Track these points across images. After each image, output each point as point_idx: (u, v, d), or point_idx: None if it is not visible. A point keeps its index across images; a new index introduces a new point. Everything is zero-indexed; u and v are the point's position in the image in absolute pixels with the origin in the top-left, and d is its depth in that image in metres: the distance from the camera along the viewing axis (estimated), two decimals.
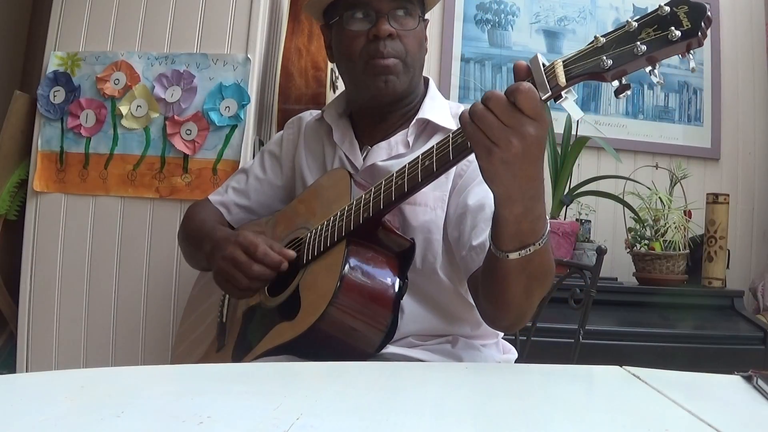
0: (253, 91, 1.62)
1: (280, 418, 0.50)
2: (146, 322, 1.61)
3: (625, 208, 2.21)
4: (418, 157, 0.90)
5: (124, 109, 1.63)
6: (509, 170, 0.74)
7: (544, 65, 0.75)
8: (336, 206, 1.01)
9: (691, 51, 0.70)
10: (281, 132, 1.32)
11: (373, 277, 0.93)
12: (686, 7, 0.69)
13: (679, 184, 2.30)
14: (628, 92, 0.74)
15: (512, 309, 0.90)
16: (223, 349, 1.10)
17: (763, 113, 2.69)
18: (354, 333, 0.91)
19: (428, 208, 1.07)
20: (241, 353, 1.03)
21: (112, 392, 0.60)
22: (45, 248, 1.63)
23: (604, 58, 0.71)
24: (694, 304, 2.12)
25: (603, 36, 0.73)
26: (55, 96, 1.65)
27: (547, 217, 0.83)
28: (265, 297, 1.05)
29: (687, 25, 0.68)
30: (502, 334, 1.19)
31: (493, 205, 0.98)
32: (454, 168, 1.02)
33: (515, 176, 0.75)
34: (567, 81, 0.74)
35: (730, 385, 0.71)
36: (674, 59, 2.86)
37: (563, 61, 0.75)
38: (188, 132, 1.61)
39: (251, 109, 1.61)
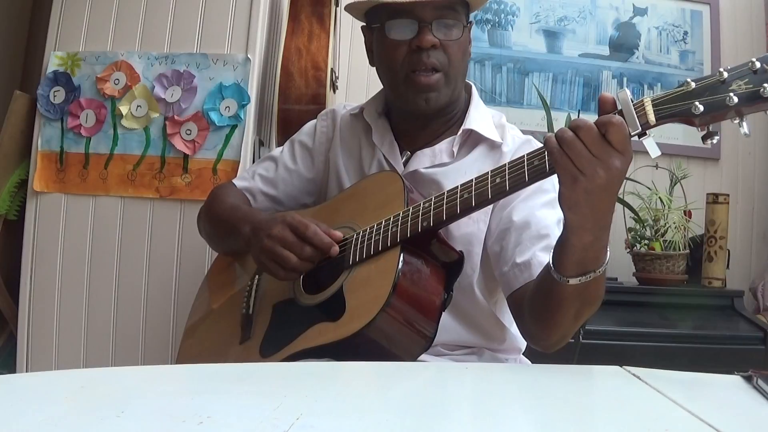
0: (253, 91, 1.62)
1: (280, 418, 0.50)
2: (146, 322, 1.61)
3: (625, 208, 2.21)
4: (487, 173, 0.89)
5: (124, 109, 1.63)
6: (589, 200, 0.76)
7: (632, 101, 0.77)
8: (388, 210, 0.99)
9: None
10: (313, 122, 1.29)
11: (425, 287, 0.92)
12: None
13: (679, 184, 2.30)
14: (714, 140, 0.76)
15: (559, 330, 0.91)
16: (248, 341, 1.07)
17: (762, 113, 2.68)
18: (399, 340, 0.90)
19: (471, 221, 1.06)
20: (271, 349, 1.00)
21: (112, 392, 0.60)
22: (45, 248, 1.63)
23: (697, 103, 0.73)
24: (694, 304, 2.12)
25: (693, 81, 0.75)
26: (55, 96, 1.65)
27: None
28: (301, 293, 1.03)
29: None
30: (524, 348, 1.18)
31: (539, 222, 1.00)
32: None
33: (593, 207, 0.77)
34: (657, 120, 0.76)
35: (730, 385, 0.71)
36: (673, 57, 2.82)
37: (652, 101, 0.77)
38: (188, 132, 1.61)
39: (251, 109, 1.61)
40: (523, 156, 0.85)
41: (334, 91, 1.89)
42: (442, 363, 1.07)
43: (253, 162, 1.63)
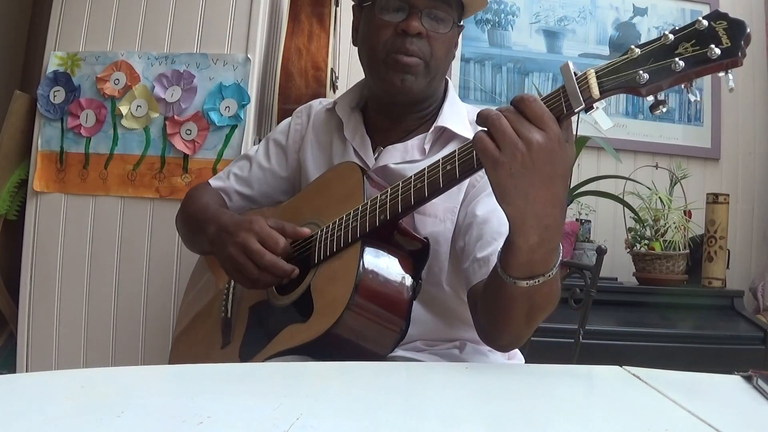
0: (253, 91, 1.62)
1: (280, 418, 0.50)
2: (146, 322, 1.61)
3: (625, 208, 2.21)
4: (438, 161, 0.87)
5: (124, 109, 1.63)
6: (518, 187, 0.71)
7: (575, 74, 0.72)
8: (349, 204, 0.98)
9: (730, 71, 0.68)
10: (288, 120, 1.28)
11: (389, 281, 0.91)
12: (725, 23, 0.67)
13: (679, 184, 2.30)
14: (664, 109, 0.70)
15: (511, 332, 0.88)
16: (229, 346, 1.07)
17: (763, 113, 2.69)
18: (369, 336, 0.90)
19: (437, 220, 1.05)
20: (249, 353, 1.00)
21: (112, 392, 0.60)
22: (45, 248, 1.63)
23: (641, 72, 0.68)
24: (694, 304, 2.12)
25: (638, 47, 0.70)
26: (55, 96, 1.65)
27: (561, 246, 0.80)
28: (273, 294, 1.03)
29: (727, 43, 0.66)
30: None
31: (501, 217, 0.97)
32: (469, 178, 0.97)
33: (527, 197, 0.72)
34: (601, 94, 0.71)
35: (730, 385, 0.71)
36: None
37: (596, 72, 0.71)
38: (188, 132, 1.61)
39: (251, 109, 1.61)
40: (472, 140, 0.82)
41: (334, 91, 1.89)
42: (443, 363, 1.07)
43: None
